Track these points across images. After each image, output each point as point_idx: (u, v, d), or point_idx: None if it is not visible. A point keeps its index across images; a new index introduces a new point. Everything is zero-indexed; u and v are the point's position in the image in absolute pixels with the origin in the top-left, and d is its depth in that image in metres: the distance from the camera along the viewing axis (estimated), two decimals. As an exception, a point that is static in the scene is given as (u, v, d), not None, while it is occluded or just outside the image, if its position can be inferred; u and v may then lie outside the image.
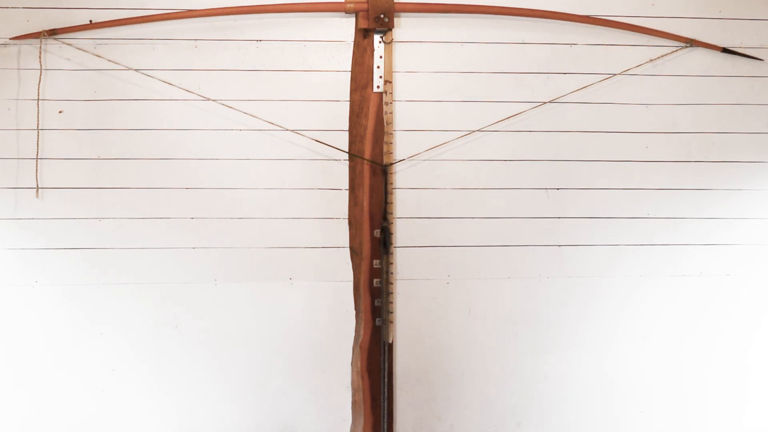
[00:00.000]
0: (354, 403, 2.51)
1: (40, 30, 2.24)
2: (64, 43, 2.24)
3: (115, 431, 2.44)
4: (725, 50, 2.48)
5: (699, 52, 2.50)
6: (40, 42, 2.25)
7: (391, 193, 2.43)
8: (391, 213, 2.44)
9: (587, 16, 2.43)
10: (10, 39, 2.24)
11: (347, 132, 2.42)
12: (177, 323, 2.43)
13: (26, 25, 2.27)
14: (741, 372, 2.64)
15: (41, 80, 2.28)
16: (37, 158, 2.31)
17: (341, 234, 2.45)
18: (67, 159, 2.33)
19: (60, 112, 2.30)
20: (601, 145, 2.50)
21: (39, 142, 2.31)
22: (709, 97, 2.52)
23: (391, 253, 2.44)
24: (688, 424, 2.64)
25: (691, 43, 2.46)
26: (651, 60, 2.48)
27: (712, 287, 2.60)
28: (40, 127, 2.31)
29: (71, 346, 2.40)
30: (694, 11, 2.49)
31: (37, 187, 2.32)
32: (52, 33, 2.23)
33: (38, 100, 2.29)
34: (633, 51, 2.48)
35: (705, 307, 2.61)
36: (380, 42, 2.38)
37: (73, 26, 2.26)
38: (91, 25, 2.26)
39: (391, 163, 2.41)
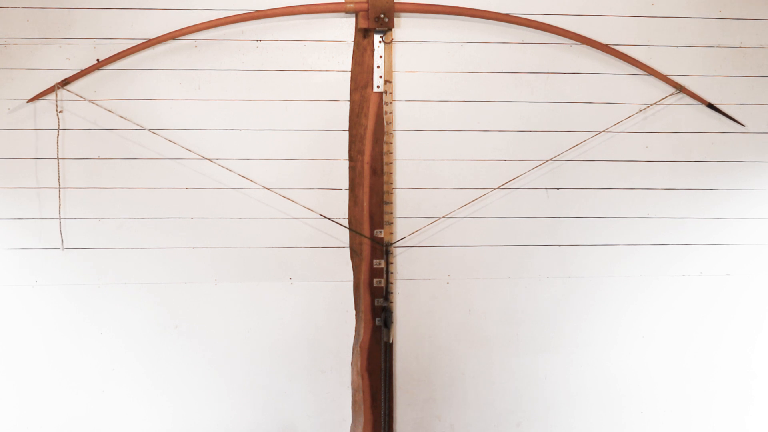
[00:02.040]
0: (354, 403, 2.51)
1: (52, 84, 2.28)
2: (77, 95, 2.31)
3: (115, 431, 2.44)
4: (710, 105, 2.50)
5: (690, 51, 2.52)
6: (56, 95, 2.29)
7: (392, 263, 2.44)
8: (392, 293, 2.45)
9: (579, 35, 2.43)
10: (27, 101, 2.28)
11: (347, 132, 2.42)
12: (177, 323, 2.42)
13: (26, 26, 2.28)
14: (743, 372, 2.63)
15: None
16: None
17: (341, 234, 2.45)
18: (67, 159, 2.33)
19: (60, 111, 2.31)
20: (601, 145, 2.50)
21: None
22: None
23: (391, 263, 2.45)
24: (690, 425, 2.63)
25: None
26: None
27: (713, 287, 2.59)
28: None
29: (71, 346, 2.40)
30: (695, 11, 2.49)
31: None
32: (65, 83, 2.28)
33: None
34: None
35: (706, 308, 2.60)
36: (380, 42, 2.38)
37: (83, 70, 2.29)
38: (99, 64, 2.29)
39: (392, 243, 2.43)
